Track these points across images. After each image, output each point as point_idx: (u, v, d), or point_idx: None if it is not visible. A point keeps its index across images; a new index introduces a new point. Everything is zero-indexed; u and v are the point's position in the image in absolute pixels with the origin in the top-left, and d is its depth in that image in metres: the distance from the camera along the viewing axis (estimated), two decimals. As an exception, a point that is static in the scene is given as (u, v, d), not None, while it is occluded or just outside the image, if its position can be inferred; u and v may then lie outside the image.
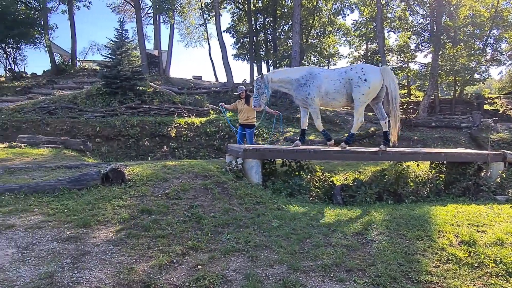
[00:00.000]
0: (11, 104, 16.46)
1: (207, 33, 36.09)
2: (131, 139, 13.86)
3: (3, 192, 4.89)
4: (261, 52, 30.71)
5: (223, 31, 28.73)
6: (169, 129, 14.68)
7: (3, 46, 26.12)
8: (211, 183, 5.51)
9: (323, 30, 30.94)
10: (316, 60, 32.09)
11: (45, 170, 6.58)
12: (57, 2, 28.67)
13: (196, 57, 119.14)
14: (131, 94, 16.44)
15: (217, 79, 33.78)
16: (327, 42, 31.60)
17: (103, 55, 19.07)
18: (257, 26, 31.57)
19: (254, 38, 30.55)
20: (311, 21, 29.75)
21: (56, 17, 64.17)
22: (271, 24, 30.91)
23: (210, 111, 17.46)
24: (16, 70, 27.43)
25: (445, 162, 7.55)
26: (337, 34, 32.32)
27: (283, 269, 3.50)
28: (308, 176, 7.15)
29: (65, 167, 6.78)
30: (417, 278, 3.40)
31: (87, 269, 3.24)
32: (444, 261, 3.74)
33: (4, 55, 27.14)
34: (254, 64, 30.42)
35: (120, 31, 17.43)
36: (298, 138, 7.38)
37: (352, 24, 31.06)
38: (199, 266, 3.41)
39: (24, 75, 26.82)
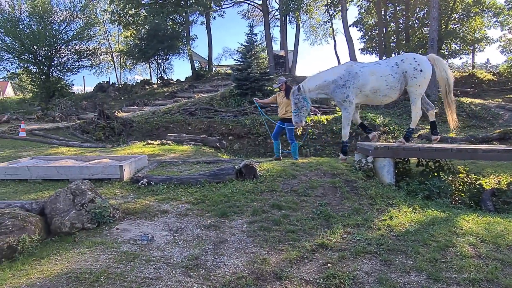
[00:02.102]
0: (161, 107, 19.15)
1: (332, 29, 35.56)
2: (260, 137, 14.59)
3: (158, 182, 5.71)
4: (391, 44, 28.80)
5: (350, 25, 27.91)
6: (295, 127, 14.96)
7: (156, 58, 30.49)
8: (339, 181, 5.41)
9: (466, 12, 27.21)
10: (457, 48, 28.48)
11: (189, 165, 7.43)
12: (197, 15, 32.12)
13: (321, 55, 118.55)
14: (259, 94, 17.35)
15: (343, 76, 32.92)
16: (472, 26, 27.66)
17: (235, 59, 20.61)
18: (387, 17, 29.69)
19: (384, 29, 28.82)
20: (451, 4, 26.50)
21: (195, 28, 72.06)
22: (403, 13, 28.68)
23: (337, 108, 17.14)
24: (165, 77, 31.75)
25: None
26: (485, 15, 28.01)
27: (421, 277, 3.21)
28: (449, 178, 6.39)
29: (204, 162, 7.54)
30: None
31: (225, 256, 3.53)
32: None
33: (156, 65, 31.71)
34: (384, 57, 28.68)
35: (250, 35, 18.53)
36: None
37: (505, 1, 26.56)
38: (329, 264, 3.38)
39: (171, 81, 30.90)
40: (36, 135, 12.88)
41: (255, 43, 18.89)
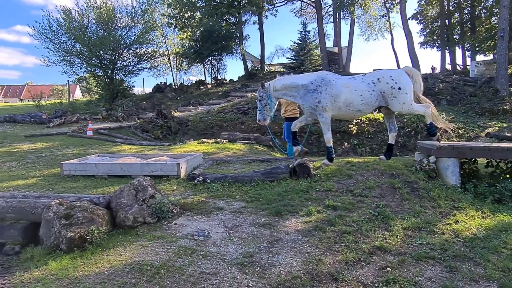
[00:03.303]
0: (215, 106, 19.61)
1: (389, 23, 34.10)
2: (313, 136, 14.39)
3: (213, 180, 5.85)
4: (455, 36, 27.02)
5: (409, 18, 26.63)
6: (349, 125, 14.56)
7: (210, 59, 31.29)
8: (398, 182, 5.16)
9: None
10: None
11: (243, 163, 7.52)
12: (250, 15, 32.46)
13: (377, 50, 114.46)
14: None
15: (400, 72, 31.50)
16: (549, 13, 25.04)
17: (287, 57, 20.55)
18: (450, 7, 27.86)
19: (447, 21, 27.11)
20: (524, -10, 24.21)
21: (248, 28, 72.88)
22: (469, 2, 26.74)
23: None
24: (218, 78, 32.48)
25: None
26: None
27: (492, 287, 2.97)
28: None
29: (258, 161, 7.59)
30: None
31: (280, 254, 3.53)
32: None
33: (210, 66, 32.55)
34: (446, 51, 26.98)
35: (303, 32, 18.36)
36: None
37: None
38: (388, 268, 3.24)
39: (224, 81, 31.54)
40: (101, 134, 13.80)
41: (308, 41, 18.68)
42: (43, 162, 8.66)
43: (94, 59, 24.69)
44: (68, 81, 28.32)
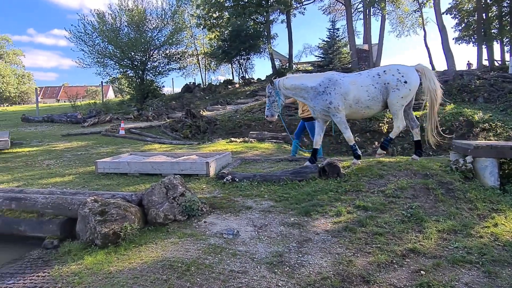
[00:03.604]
0: (243, 106, 19.70)
1: (422, 18, 33.07)
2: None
3: (242, 179, 5.87)
4: (492, 31, 25.82)
5: (443, 13, 25.68)
6: (380, 124, 14.26)
7: (238, 58, 31.50)
8: (432, 182, 4.99)
9: None
10: None
11: (271, 162, 7.51)
12: (278, 14, 32.39)
13: (409, 47, 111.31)
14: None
15: (433, 68, 30.46)
16: None
17: (316, 56, 20.33)
18: (487, 0, 26.65)
19: (484, 14, 25.94)
20: None
21: (276, 27, 72.76)
22: (507, -5, 25.52)
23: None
24: (246, 77, 32.61)
25: None
26: None
27: (535, 295, 2.81)
28: None
29: (286, 160, 7.56)
30: None
31: (309, 255, 3.49)
32: None
33: (238, 65, 32.76)
34: (483, 46, 25.83)
35: (332, 30, 18.12)
36: (308, 158, 6.63)
37: None
38: (422, 272, 3.14)
39: (252, 81, 31.64)
40: (133, 133, 14.19)
41: (337, 38, 18.41)
42: (78, 160, 9.01)
43: (126, 60, 25.45)
44: (102, 82, 29.28)
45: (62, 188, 5.76)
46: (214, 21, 32.70)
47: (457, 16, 28.81)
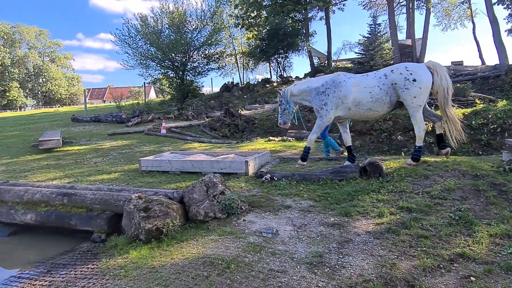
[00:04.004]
0: (282, 105, 19.65)
1: (471, 9, 31.30)
2: (383, 133, 13.77)
3: (281, 178, 5.85)
4: (550, 22, 23.96)
5: (494, 3, 24.13)
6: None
7: (276, 57, 31.43)
8: (483, 184, 4.71)
9: None
10: None
11: (310, 161, 7.40)
12: (316, 11, 31.96)
13: (455, 41, 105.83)
14: (383, 88, 16.33)
15: (483, 63, 28.81)
16: None
17: (356, 52, 19.83)
18: (544, -11, 24.79)
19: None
20: None
21: (314, 24, 71.91)
22: None
23: (476, 100, 15.04)
24: (284, 75, 32.47)
25: None
26: None
27: None
28: None
29: (325, 159, 7.44)
30: None
31: (350, 256, 3.41)
32: None
33: (276, 64, 32.67)
34: (539, 38, 24.01)
35: (373, 25, 17.60)
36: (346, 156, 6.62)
37: None
38: (472, 278, 2.97)
39: (290, 79, 31.41)
40: (173, 132, 14.59)
41: (378, 34, 17.84)
42: (123, 158, 9.40)
43: (166, 61, 26.20)
44: (144, 83, 30.34)
45: (108, 185, 6.03)
46: (252, 20, 32.82)
47: (510, 6, 26.96)
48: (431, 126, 9.89)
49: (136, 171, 7.48)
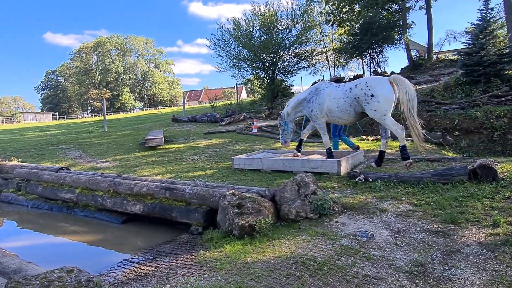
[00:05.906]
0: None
1: None
2: (496, 132, 12.17)
3: (376, 179, 5.55)
4: None
5: None
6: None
7: (369, 52, 30.03)
8: None
9: None
10: None
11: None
12: (415, 0, 29.67)
13: None
14: (496, 81, 14.43)
15: None
16: None
17: (463, 42, 17.76)
18: None
19: None
20: None
21: (413, 14, 66.86)
22: None
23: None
24: (378, 71, 30.83)
25: None
26: None
27: None
28: None
29: (427, 160, 6.85)
30: None
31: (458, 268, 3.06)
32: None
33: (370, 59, 31.20)
34: None
35: (484, 11, 15.62)
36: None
37: None
38: None
39: (385, 75, 29.76)
40: (264, 131, 14.88)
41: (491, 20, 15.76)
42: (217, 156, 9.89)
43: (257, 62, 26.88)
44: (236, 84, 31.58)
45: (204, 181, 6.39)
46: (343, 15, 31.88)
47: None
48: None
49: (229, 168, 7.80)
